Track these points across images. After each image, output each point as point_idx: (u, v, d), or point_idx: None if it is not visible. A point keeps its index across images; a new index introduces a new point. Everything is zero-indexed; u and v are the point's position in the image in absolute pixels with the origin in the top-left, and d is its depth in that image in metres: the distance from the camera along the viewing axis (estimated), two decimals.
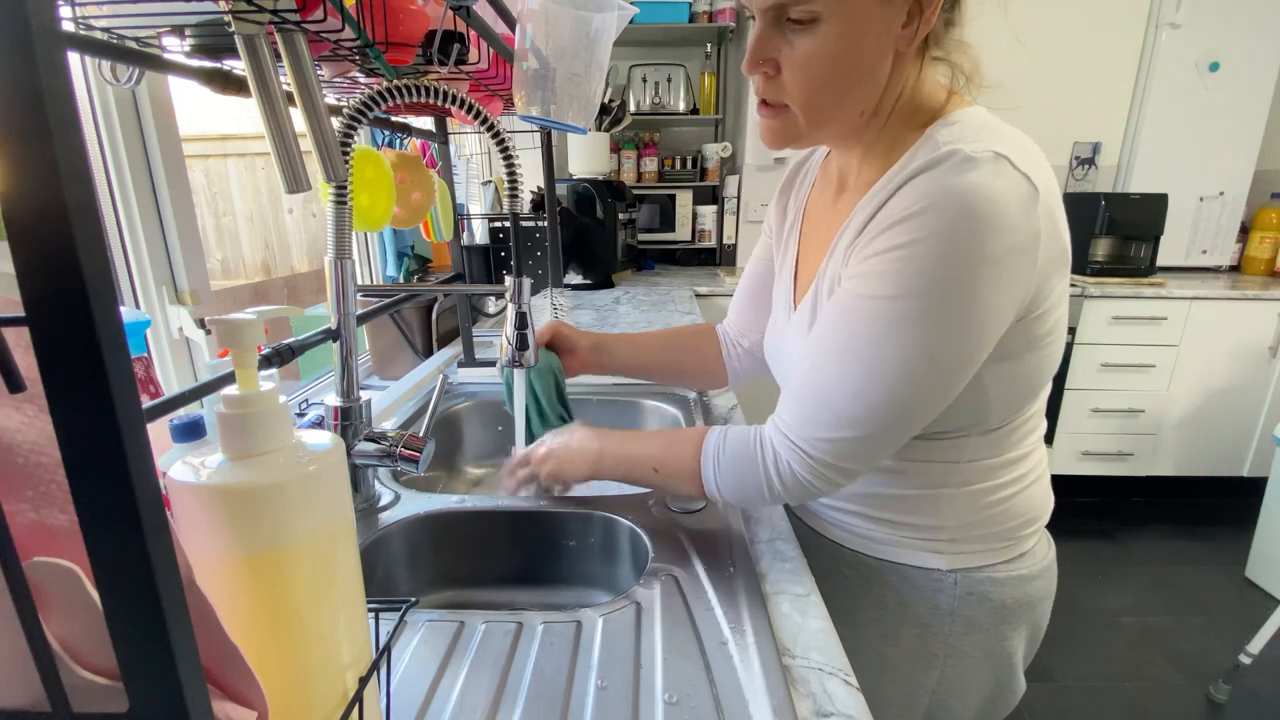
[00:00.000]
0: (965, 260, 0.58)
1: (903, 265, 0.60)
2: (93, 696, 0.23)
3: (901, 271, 0.60)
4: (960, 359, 0.63)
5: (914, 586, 0.80)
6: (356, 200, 1.00)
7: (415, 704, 0.57)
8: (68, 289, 0.19)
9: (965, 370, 0.64)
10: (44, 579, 0.22)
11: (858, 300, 0.64)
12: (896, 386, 0.63)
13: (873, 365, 0.63)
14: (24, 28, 0.18)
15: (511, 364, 0.98)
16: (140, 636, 0.21)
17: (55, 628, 0.23)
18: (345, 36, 0.61)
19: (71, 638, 0.23)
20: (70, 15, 0.56)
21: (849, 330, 0.65)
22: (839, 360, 0.65)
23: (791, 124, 0.70)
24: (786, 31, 0.64)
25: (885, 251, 0.62)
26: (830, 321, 0.68)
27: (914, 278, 0.60)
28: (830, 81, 0.65)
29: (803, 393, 0.69)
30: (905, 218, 0.60)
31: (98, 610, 0.21)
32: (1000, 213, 0.58)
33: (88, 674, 0.23)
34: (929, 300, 0.60)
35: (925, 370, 0.62)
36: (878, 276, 0.62)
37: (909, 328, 0.61)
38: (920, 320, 0.60)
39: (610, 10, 0.89)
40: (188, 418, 0.72)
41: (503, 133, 0.85)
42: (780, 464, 0.70)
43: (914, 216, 0.60)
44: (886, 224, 0.62)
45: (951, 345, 0.61)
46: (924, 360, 0.61)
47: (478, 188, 2.54)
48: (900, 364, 0.62)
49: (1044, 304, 0.66)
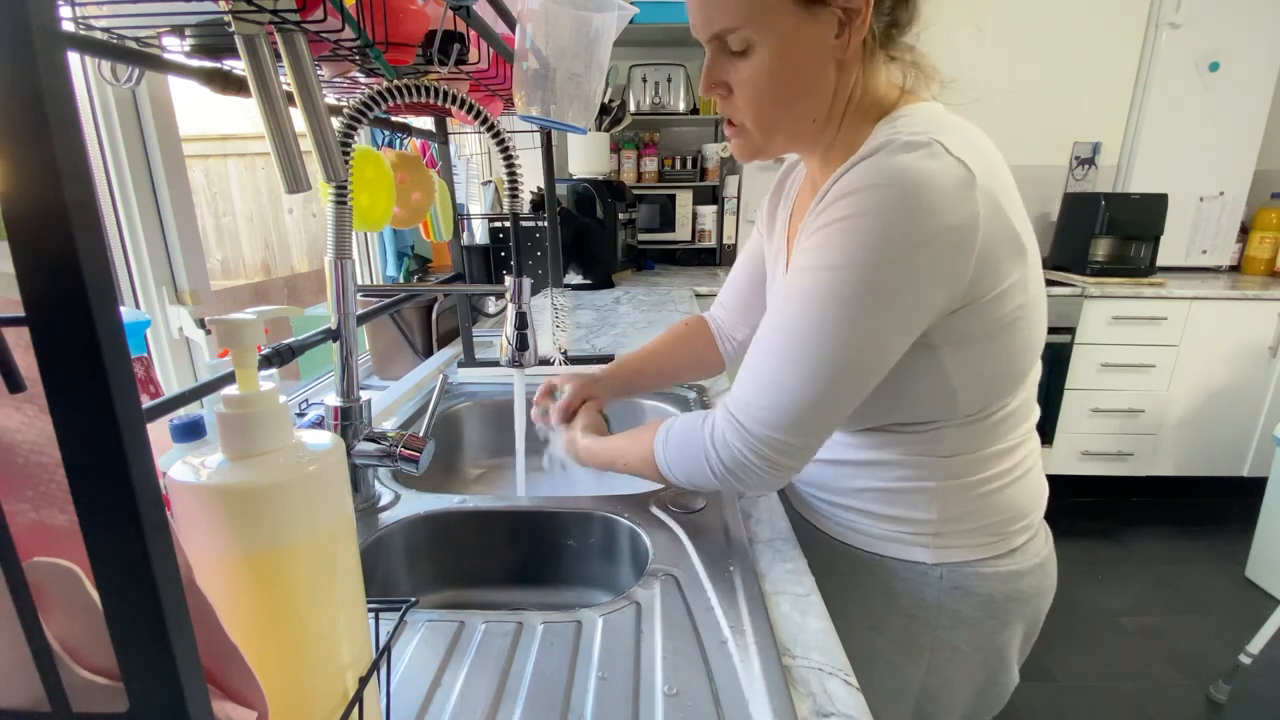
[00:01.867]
0: (896, 235, 0.60)
1: (835, 238, 0.62)
2: (93, 696, 0.23)
3: (833, 244, 0.63)
4: (888, 332, 0.64)
5: (900, 579, 0.81)
6: (356, 200, 1.00)
7: (415, 704, 0.57)
8: (68, 289, 0.19)
9: (893, 343, 0.65)
10: (44, 579, 0.22)
11: (796, 273, 0.67)
12: (823, 354, 0.64)
13: (800, 333, 0.65)
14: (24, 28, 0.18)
15: (511, 364, 0.98)
16: (140, 636, 0.21)
17: (55, 628, 0.23)
18: (345, 36, 0.61)
19: (71, 638, 0.23)
20: (70, 15, 0.56)
21: (786, 303, 0.67)
22: (774, 332, 0.68)
23: (750, 138, 0.74)
24: (731, 56, 0.69)
25: (822, 228, 0.64)
26: (775, 299, 0.70)
27: (845, 250, 0.62)
28: (773, 97, 0.69)
29: (746, 366, 0.71)
30: (841, 195, 0.63)
31: (98, 610, 0.21)
32: (932, 193, 0.60)
33: (88, 674, 0.23)
34: (858, 272, 0.61)
35: (851, 339, 0.63)
36: (814, 250, 0.64)
37: (837, 298, 0.62)
38: (848, 291, 0.62)
39: (610, 10, 0.89)
40: (188, 418, 0.72)
41: (503, 133, 0.85)
42: (717, 437, 0.71)
43: (849, 194, 0.62)
44: (826, 204, 0.64)
45: (879, 317, 0.63)
46: (850, 328, 0.63)
47: (478, 188, 2.54)
48: (827, 332, 0.63)
49: (997, 287, 0.66)
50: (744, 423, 0.69)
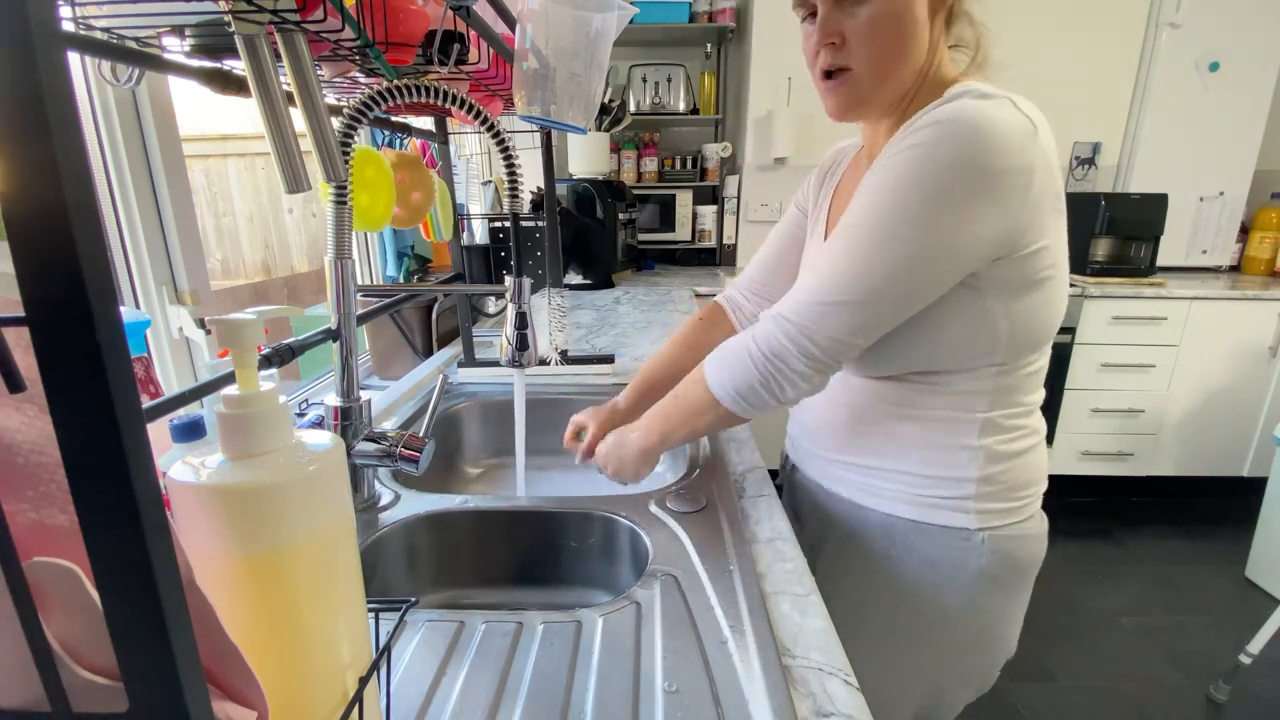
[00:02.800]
0: (965, 162, 0.66)
1: (905, 161, 0.68)
2: (93, 696, 0.23)
3: (904, 166, 0.68)
4: (948, 245, 0.68)
5: (940, 546, 0.82)
6: (356, 200, 1.00)
7: (415, 704, 0.57)
8: (68, 289, 0.19)
9: (950, 257, 0.69)
10: (44, 579, 0.22)
11: (863, 194, 0.72)
12: (877, 261, 0.69)
13: (858, 241, 0.70)
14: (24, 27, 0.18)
15: (511, 364, 0.98)
16: (140, 636, 0.21)
17: (55, 628, 0.23)
18: (345, 36, 0.61)
19: (71, 638, 0.23)
20: (70, 15, 0.56)
21: (851, 217, 0.72)
22: (838, 240, 0.73)
23: (856, 86, 0.77)
24: (848, 5, 0.74)
25: (894, 155, 0.70)
26: (841, 221, 0.74)
27: (920, 165, 0.67)
28: (895, 38, 0.74)
29: (801, 276, 0.77)
30: (916, 129, 0.69)
31: (98, 610, 0.21)
32: (1001, 135, 0.66)
33: (87, 674, 0.23)
34: (931, 182, 0.67)
35: (914, 239, 0.68)
36: (885, 171, 0.70)
37: (909, 200, 0.68)
38: (918, 196, 0.67)
39: (610, 10, 0.89)
40: (188, 418, 0.72)
41: (503, 133, 0.85)
42: (758, 332, 0.76)
43: (924, 128, 0.68)
44: (901, 136, 0.71)
45: (943, 228, 0.67)
46: (916, 228, 0.68)
47: (478, 188, 2.54)
48: (896, 226, 0.68)
49: (1038, 241, 0.72)
50: (789, 316, 0.74)
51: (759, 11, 2.80)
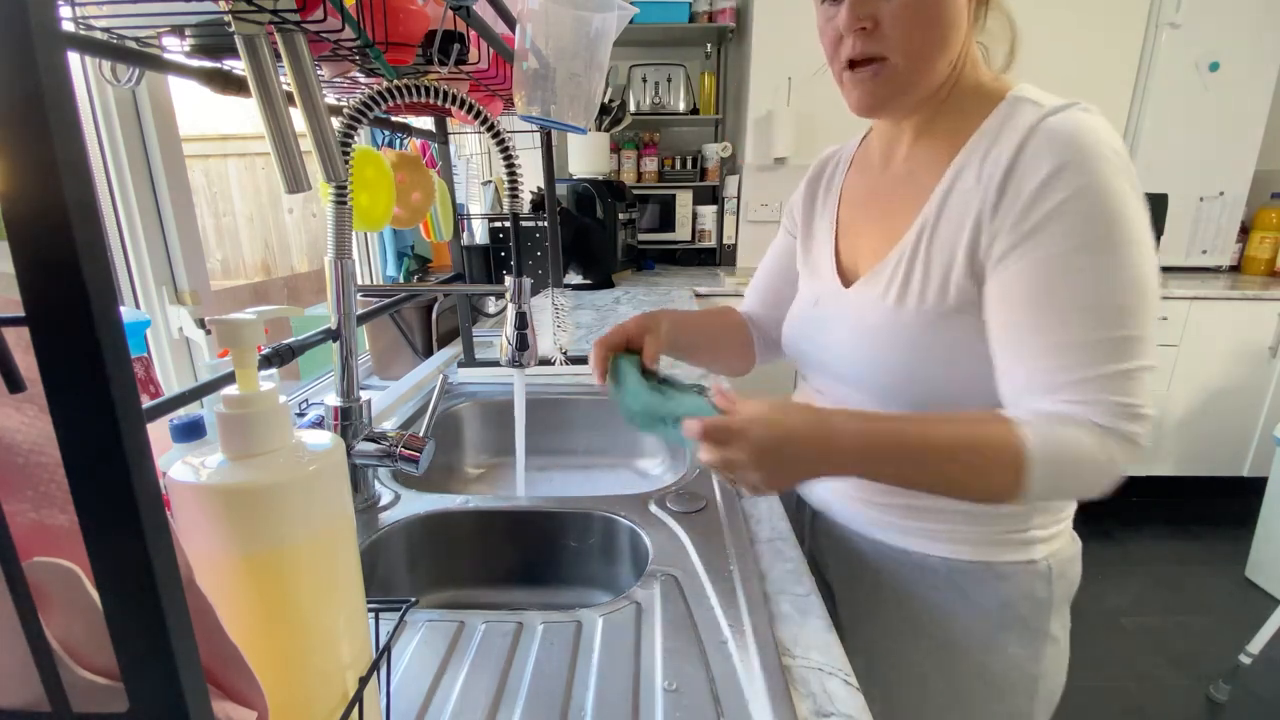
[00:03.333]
0: (1120, 190, 0.62)
1: (1078, 212, 0.62)
2: (93, 696, 0.23)
3: (1074, 224, 0.62)
4: (1153, 275, 0.63)
5: (1013, 583, 0.76)
6: (356, 200, 1.00)
7: (415, 704, 0.57)
8: (68, 289, 0.19)
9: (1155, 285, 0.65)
10: (44, 579, 0.22)
11: (1052, 258, 0.63)
12: (1132, 292, 0.62)
13: (1101, 284, 0.62)
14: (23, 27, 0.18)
15: (512, 364, 0.98)
16: (140, 636, 0.21)
17: (55, 628, 0.23)
18: (345, 36, 0.61)
19: (71, 638, 0.23)
20: (70, 15, 0.56)
21: (1052, 286, 0.63)
22: (1068, 307, 0.63)
23: (891, 79, 0.70)
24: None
25: (1044, 222, 0.63)
26: (1023, 294, 0.64)
27: (1095, 217, 0.62)
28: (936, 23, 0.67)
29: (1051, 354, 0.63)
30: (1041, 185, 0.63)
31: (98, 610, 0.21)
32: (1116, 144, 0.64)
33: (88, 674, 0.23)
34: (1115, 227, 0.61)
35: (1144, 278, 0.62)
36: (1053, 237, 0.63)
37: (1111, 250, 0.61)
38: (1116, 242, 0.61)
39: (610, 10, 0.89)
40: (188, 418, 0.72)
41: (503, 133, 0.85)
42: (1097, 447, 0.61)
43: (1051, 179, 0.62)
44: (1034, 187, 0.63)
45: (1148, 261, 0.63)
46: (1139, 270, 0.62)
47: (478, 188, 2.54)
48: (1126, 274, 0.62)
49: None
50: (1100, 419, 0.61)
51: (759, 11, 2.80)
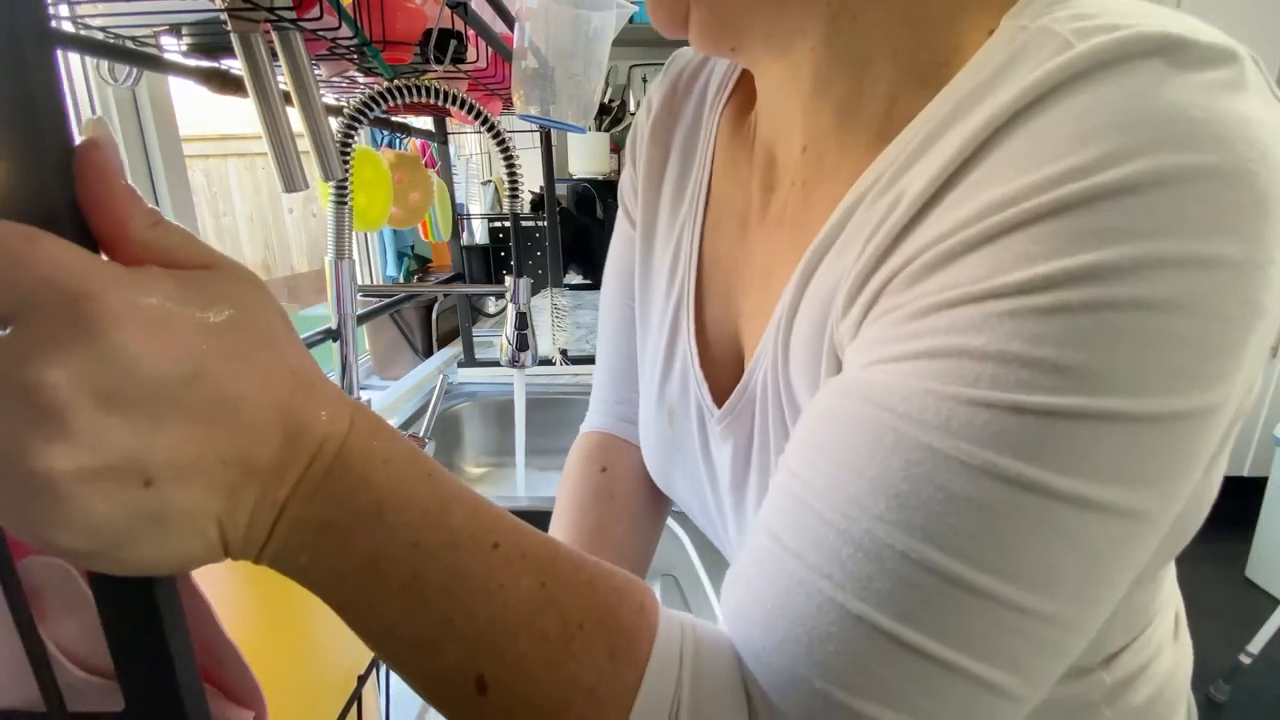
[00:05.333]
0: (1246, 287, 0.25)
1: (1103, 347, 0.24)
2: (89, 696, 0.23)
3: (1100, 345, 0.24)
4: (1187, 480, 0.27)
5: None
6: (354, 200, 1.00)
7: (416, 704, 0.57)
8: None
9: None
10: (39, 578, 0.22)
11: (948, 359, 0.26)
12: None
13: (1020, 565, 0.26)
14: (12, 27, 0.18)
15: (511, 364, 0.98)
16: (135, 635, 0.21)
17: (50, 627, 0.23)
18: (342, 35, 0.61)
19: (66, 637, 0.23)
20: (68, 14, 0.56)
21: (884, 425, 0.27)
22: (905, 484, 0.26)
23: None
24: None
25: (1042, 299, 0.25)
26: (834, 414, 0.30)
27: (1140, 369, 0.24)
28: None
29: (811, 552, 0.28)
30: (1088, 199, 0.24)
31: (92, 608, 0.21)
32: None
33: (83, 674, 0.23)
34: (1162, 398, 0.25)
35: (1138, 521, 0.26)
36: (1024, 363, 0.25)
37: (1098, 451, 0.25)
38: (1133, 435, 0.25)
39: (609, 9, 0.89)
40: None
41: (503, 133, 0.85)
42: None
43: (1115, 197, 0.24)
44: (1003, 224, 0.26)
45: (1183, 468, 0.27)
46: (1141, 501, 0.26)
47: (478, 188, 2.54)
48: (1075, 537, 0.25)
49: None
50: None
51: None
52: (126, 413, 0.18)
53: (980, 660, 0.25)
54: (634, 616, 0.28)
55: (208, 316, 0.20)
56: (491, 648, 0.25)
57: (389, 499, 0.24)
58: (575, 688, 0.26)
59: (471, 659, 0.25)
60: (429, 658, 0.25)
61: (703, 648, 0.29)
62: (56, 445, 0.17)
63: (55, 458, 0.17)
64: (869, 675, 0.25)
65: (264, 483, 0.21)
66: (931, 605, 0.25)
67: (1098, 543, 0.26)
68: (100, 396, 0.18)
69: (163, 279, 0.20)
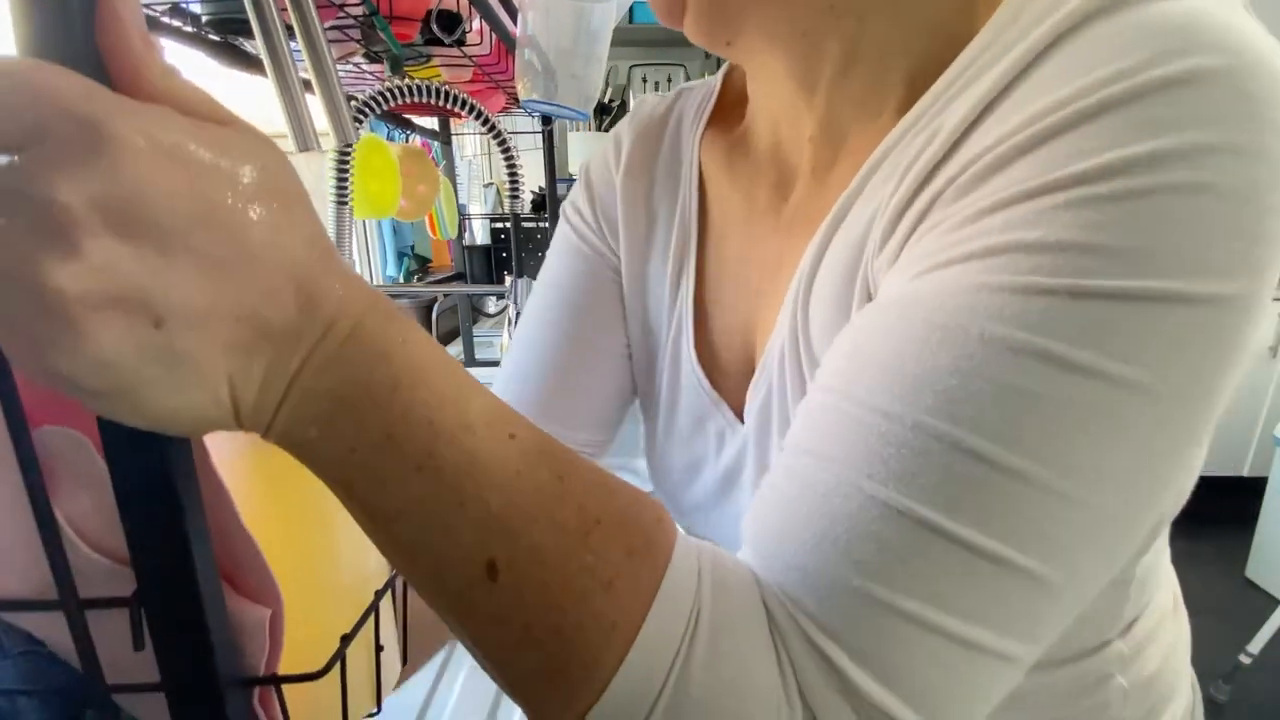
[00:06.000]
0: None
1: (1127, 223, 0.25)
2: (96, 579, 0.22)
3: (1130, 237, 0.25)
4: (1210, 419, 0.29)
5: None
6: (367, 187, 1.01)
7: (417, 704, 0.57)
8: None
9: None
10: (53, 448, 0.22)
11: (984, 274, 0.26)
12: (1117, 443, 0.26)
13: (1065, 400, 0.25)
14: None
15: None
16: (150, 512, 0.21)
17: (62, 502, 0.22)
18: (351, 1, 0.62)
19: (78, 514, 0.23)
20: None
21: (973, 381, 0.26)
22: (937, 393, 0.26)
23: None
24: None
25: (1073, 196, 0.25)
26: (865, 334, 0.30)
27: (1172, 255, 0.25)
28: None
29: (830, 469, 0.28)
30: (1118, 102, 0.25)
31: (106, 484, 0.20)
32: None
33: (95, 554, 0.23)
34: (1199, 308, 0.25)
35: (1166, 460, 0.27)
36: (1065, 250, 0.25)
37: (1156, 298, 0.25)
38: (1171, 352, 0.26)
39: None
40: None
41: (504, 133, 0.86)
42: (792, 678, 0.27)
43: (1153, 95, 0.25)
44: (1055, 126, 0.26)
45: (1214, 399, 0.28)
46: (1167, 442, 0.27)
47: (479, 189, 2.55)
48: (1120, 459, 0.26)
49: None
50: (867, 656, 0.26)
51: None
52: (138, 243, 0.18)
53: (1029, 553, 0.25)
54: (653, 523, 0.28)
55: (224, 163, 0.20)
56: (505, 532, 0.24)
57: (405, 377, 0.23)
58: (592, 579, 0.25)
59: (483, 543, 0.24)
60: (438, 542, 0.24)
61: (720, 561, 0.29)
62: (66, 265, 0.17)
63: (64, 277, 0.17)
64: (912, 570, 0.25)
65: (276, 346, 0.21)
66: (980, 496, 0.25)
67: (1149, 431, 0.25)
68: (110, 220, 0.17)
69: (179, 119, 0.19)
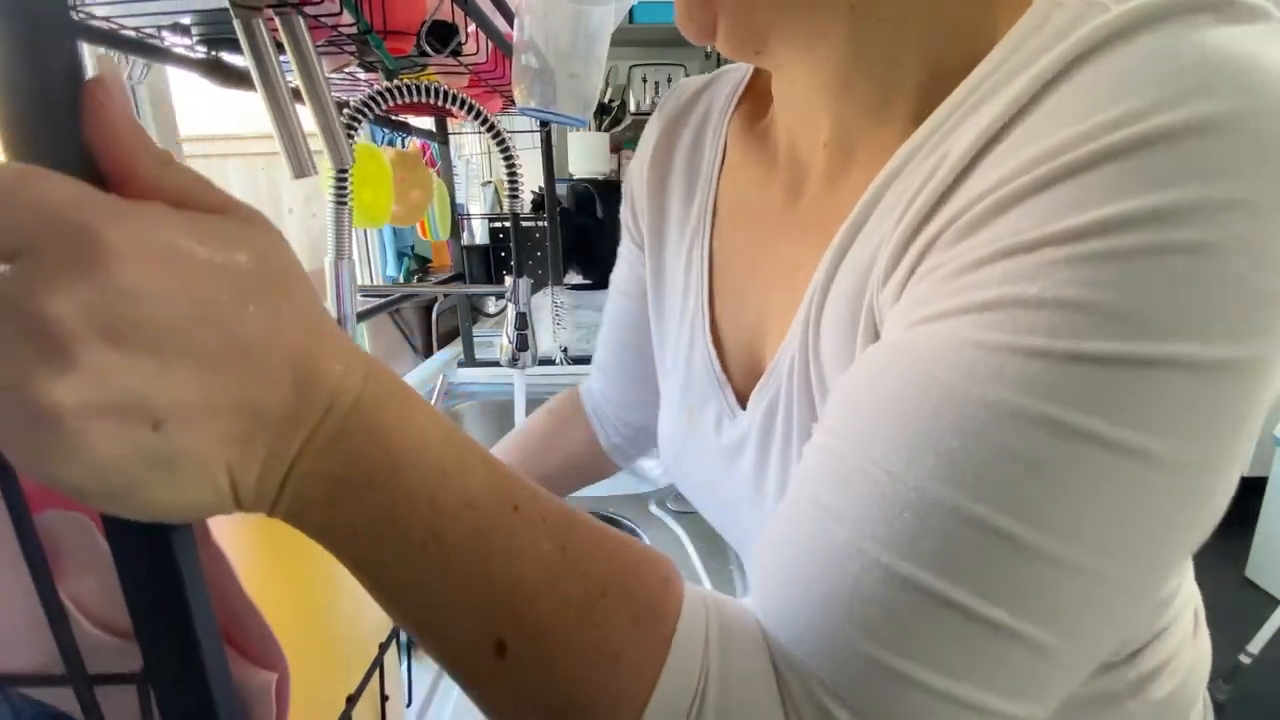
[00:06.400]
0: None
1: (1135, 279, 0.24)
2: (105, 656, 0.22)
3: (1137, 293, 0.24)
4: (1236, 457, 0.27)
5: None
6: (360, 196, 1.00)
7: (417, 703, 0.57)
8: None
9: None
10: (56, 531, 0.22)
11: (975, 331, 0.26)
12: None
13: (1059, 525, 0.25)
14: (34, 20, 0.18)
15: (511, 364, 0.98)
16: (154, 591, 0.21)
17: (67, 585, 0.22)
18: (344, 22, 0.61)
19: (84, 595, 0.23)
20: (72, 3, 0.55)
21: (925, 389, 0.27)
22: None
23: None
24: None
25: (1085, 250, 0.24)
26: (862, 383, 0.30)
27: (1177, 306, 0.24)
28: None
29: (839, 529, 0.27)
30: (1128, 147, 0.24)
31: (110, 564, 0.20)
32: None
33: (100, 632, 0.23)
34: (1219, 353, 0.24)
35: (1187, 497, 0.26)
36: (1066, 309, 0.24)
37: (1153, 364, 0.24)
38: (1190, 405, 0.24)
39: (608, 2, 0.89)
40: None
41: (503, 133, 0.85)
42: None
43: (1153, 145, 0.23)
44: (1056, 172, 0.25)
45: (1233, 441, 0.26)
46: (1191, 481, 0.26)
47: (478, 188, 2.54)
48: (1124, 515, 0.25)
49: None
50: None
51: None
52: (132, 350, 0.18)
53: (1031, 621, 0.24)
54: (659, 586, 0.28)
55: (218, 257, 0.19)
56: (512, 610, 0.24)
57: (406, 456, 0.23)
58: (599, 653, 0.25)
59: (491, 622, 0.24)
60: (447, 619, 0.24)
61: (728, 621, 0.29)
62: (61, 378, 0.17)
63: (60, 390, 0.17)
64: (915, 637, 0.25)
65: (275, 433, 0.21)
66: (981, 564, 0.24)
67: (1156, 499, 0.25)
68: (105, 329, 0.17)
69: (171, 216, 0.19)
